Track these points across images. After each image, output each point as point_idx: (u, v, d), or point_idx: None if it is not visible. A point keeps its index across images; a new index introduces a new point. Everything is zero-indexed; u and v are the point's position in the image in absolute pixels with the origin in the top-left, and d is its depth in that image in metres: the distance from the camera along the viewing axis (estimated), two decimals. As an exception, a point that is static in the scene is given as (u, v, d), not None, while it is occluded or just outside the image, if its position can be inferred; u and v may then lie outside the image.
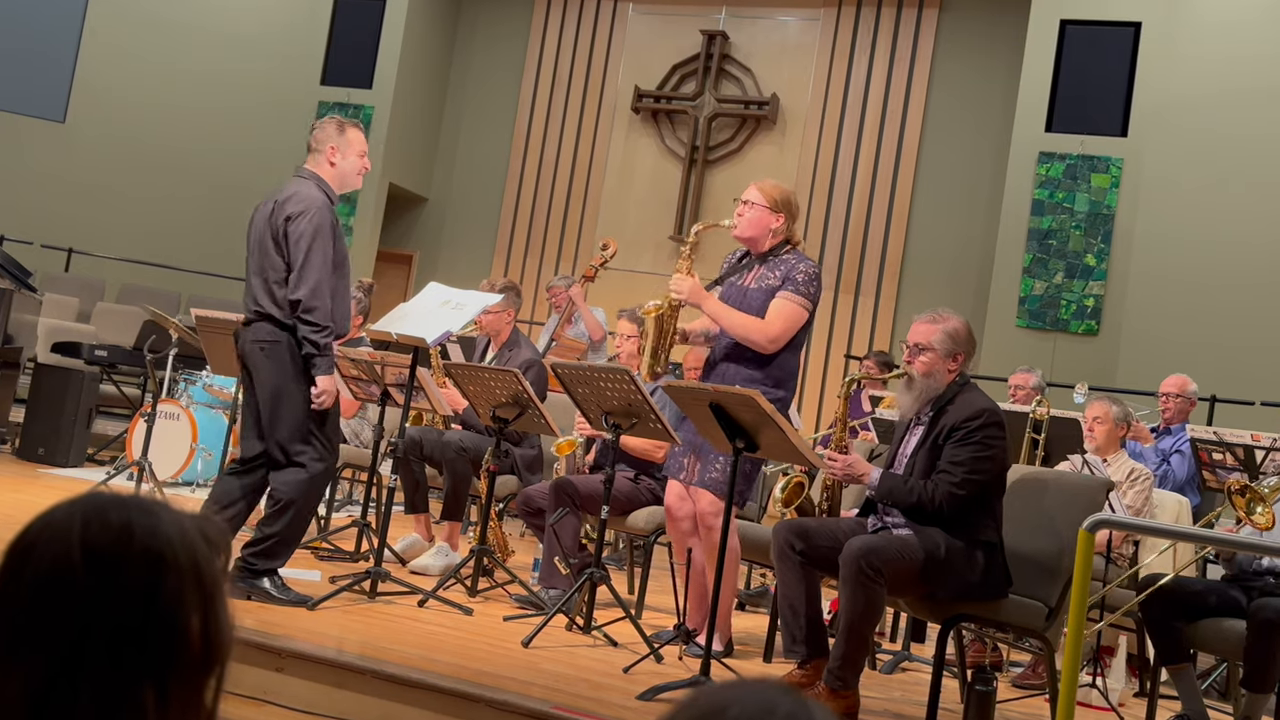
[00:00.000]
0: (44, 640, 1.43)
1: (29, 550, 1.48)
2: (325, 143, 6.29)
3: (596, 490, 6.61)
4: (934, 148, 15.57)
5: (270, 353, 6.05)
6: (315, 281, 5.98)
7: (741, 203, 6.26)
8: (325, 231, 6.04)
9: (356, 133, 6.38)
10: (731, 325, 6.04)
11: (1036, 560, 5.37)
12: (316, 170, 6.26)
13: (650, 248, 16.44)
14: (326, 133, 6.31)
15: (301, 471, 6.05)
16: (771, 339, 6.00)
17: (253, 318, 6.14)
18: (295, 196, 6.10)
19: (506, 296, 7.85)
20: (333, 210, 6.16)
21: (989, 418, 5.27)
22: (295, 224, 6.01)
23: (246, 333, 6.19)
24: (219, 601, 1.52)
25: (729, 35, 16.55)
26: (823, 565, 5.34)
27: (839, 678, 5.11)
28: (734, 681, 1.37)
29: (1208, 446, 6.98)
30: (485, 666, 5.21)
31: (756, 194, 6.23)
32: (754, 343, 6.00)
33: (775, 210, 6.19)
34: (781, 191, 6.26)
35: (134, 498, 1.53)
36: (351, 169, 6.33)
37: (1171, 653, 5.82)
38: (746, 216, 6.21)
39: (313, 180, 6.21)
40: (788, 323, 6.03)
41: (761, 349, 6.01)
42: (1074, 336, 13.57)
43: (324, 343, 6.01)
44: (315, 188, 6.17)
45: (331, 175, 6.27)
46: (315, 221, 6.01)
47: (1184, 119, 13.32)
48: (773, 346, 6.02)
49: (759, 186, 6.27)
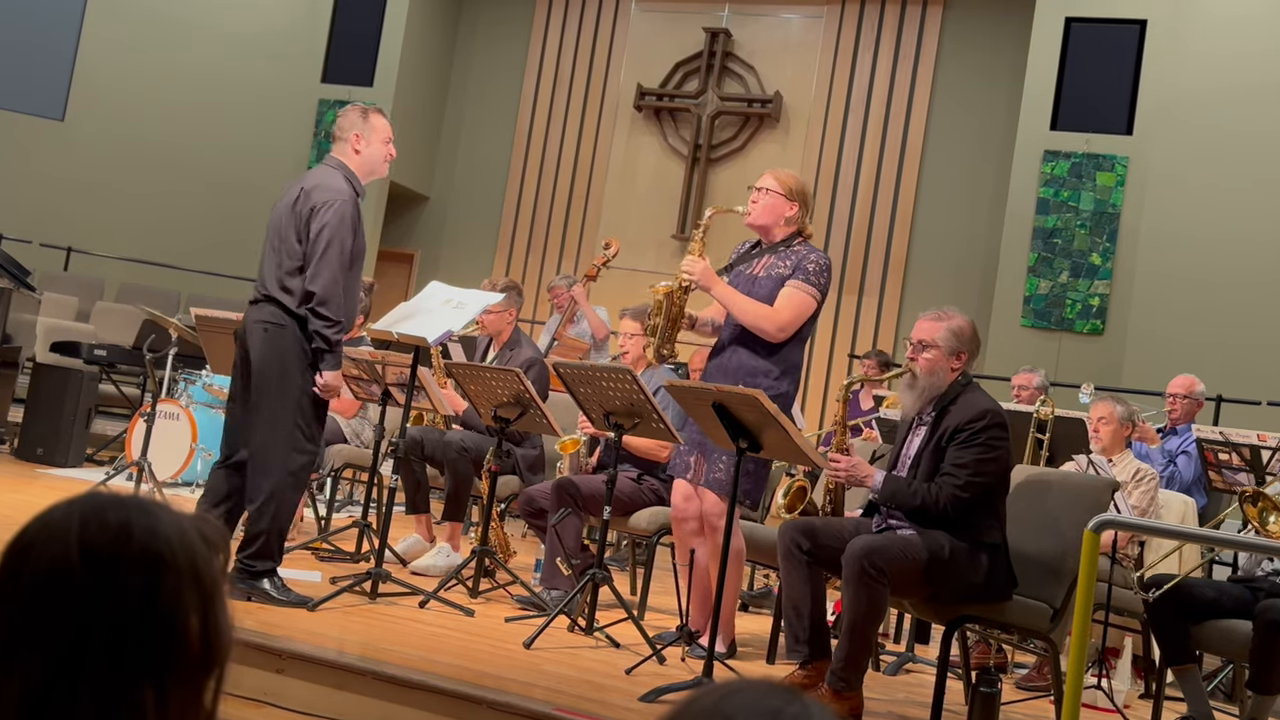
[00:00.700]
0: (42, 641, 1.43)
1: (27, 550, 1.48)
2: (349, 130, 6.26)
3: (599, 490, 6.61)
4: (938, 145, 15.57)
5: (271, 334, 6.02)
6: (331, 275, 5.95)
7: (756, 190, 6.25)
8: (348, 224, 6.02)
9: (381, 119, 6.34)
10: (741, 311, 6.03)
11: (1041, 561, 5.37)
12: (343, 159, 6.23)
13: (653, 247, 16.43)
14: (350, 120, 6.28)
15: (280, 461, 6.02)
16: (780, 327, 5.99)
17: (260, 299, 6.13)
18: (322, 186, 6.07)
19: (508, 296, 7.84)
20: (357, 204, 6.15)
21: (992, 419, 5.27)
22: (319, 215, 5.98)
23: (252, 311, 6.17)
24: (218, 602, 1.52)
25: (732, 33, 16.55)
26: (829, 565, 5.33)
27: (842, 679, 5.11)
28: (735, 682, 1.36)
29: (1214, 447, 6.97)
30: (487, 668, 5.21)
31: (772, 181, 6.23)
32: (762, 330, 5.99)
33: (790, 198, 6.19)
34: (797, 180, 6.26)
35: (132, 498, 1.53)
36: (377, 156, 6.30)
37: (1177, 654, 5.82)
38: (761, 203, 6.20)
39: (340, 170, 6.18)
40: (797, 311, 6.02)
41: (770, 337, 6.00)
42: (1079, 336, 13.56)
43: (335, 338, 5.99)
44: (342, 179, 6.14)
45: (357, 164, 6.24)
46: (339, 213, 5.99)
47: (1190, 116, 13.31)
48: (781, 335, 6.01)
49: (774, 174, 6.27)
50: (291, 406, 6.02)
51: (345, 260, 6.02)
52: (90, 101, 16.58)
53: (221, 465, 6.27)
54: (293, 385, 6.02)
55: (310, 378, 6.04)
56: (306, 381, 6.04)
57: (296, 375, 6.02)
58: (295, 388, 6.02)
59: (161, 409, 9.23)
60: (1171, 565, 6.88)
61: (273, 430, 6.02)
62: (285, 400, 6.01)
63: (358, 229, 6.13)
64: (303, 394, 6.04)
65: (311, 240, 5.99)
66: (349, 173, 6.19)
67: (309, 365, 6.03)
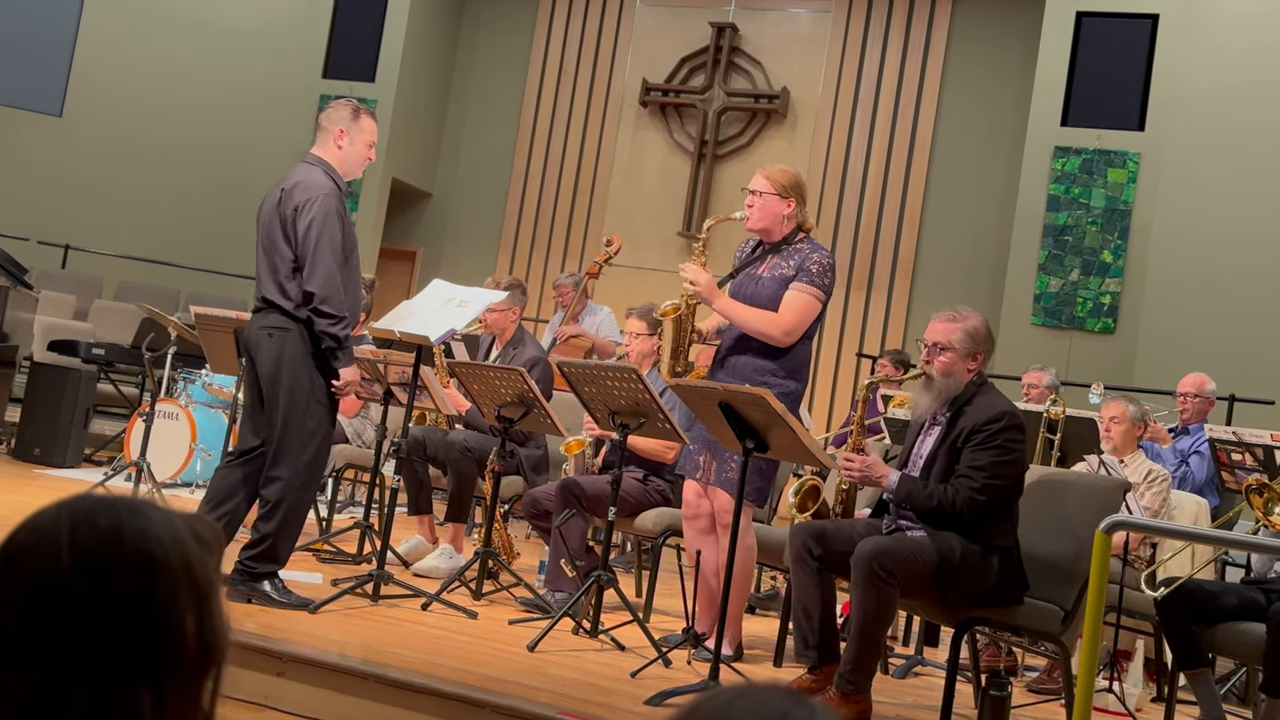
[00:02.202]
0: (36, 646, 1.43)
1: (17, 554, 1.47)
2: (335, 124, 6.24)
3: (603, 491, 6.60)
4: (947, 142, 15.56)
5: (277, 339, 6.02)
6: (327, 271, 5.94)
7: (750, 193, 6.24)
8: (333, 218, 6.00)
9: (370, 122, 6.33)
10: (744, 322, 6.02)
11: (1052, 563, 5.37)
12: (323, 154, 6.22)
13: (658, 244, 16.44)
14: (339, 114, 6.27)
15: (292, 465, 6.04)
16: (786, 331, 5.98)
17: (261, 306, 6.12)
18: (301, 185, 6.06)
19: (512, 294, 7.84)
20: (340, 197, 6.14)
21: (1009, 420, 5.26)
22: (304, 214, 5.97)
23: (255, 319, 6.17)
24: (214, 602, 1.51)
25: (739, 27, 16.54)
26: (840, 569, 5.32)
27: (850, 682, 5.11)
28: (742, 686, 1.36)
29: (1227, 447, 6.96)
30: (490, 671, 5.20)
31: (764, 182, 6.21)
32: (768, 336, 5.98)
33: (785, 196, 6.17)
34: (788, 175, 6.24)
35: (123, 499, 1.52)
36: (357, 157, 6.29)
37: (1189, 657, 5.81)
38: (757, 207, 6.19)
39: (319, 166, 6.17)
40: (801, 314, 6.01)
41: (776, 343, 6.00)
42: (1090, 335, 13.55)
43: (343, 334, 5.98)
44: (322, 174, 6.13)
45: (338, 159, 6.22)
46: (324, 208, 5.97)
47: (1203, 112, 13.29)
48: (788, 340, 6.00)
49: (765, 174, 6.25)
50: (301, 411, 6.03)
51: (338, 254, 6.01)
52: (88, 97, 16.58)
53: (227, 463, 6.26)
54: (302, 389, 6.02)
55: (318, 380, 6.05)
56: (315, 384, 6.04)
57: (305, 378, 6.03)
58: (304, 391, 6.03)
59: (160, 409, 9.24)
60: (1182, 567, 6.87)
61: (285, 435, 6.03)
62: (295, 406, 6.02)
63: (345, 221, 6.12)
64: (312, 398, 6.04)
65: (300, 241, 5.98)
66: (328, 167, 6.18)
67: (316, 367, 6.04)
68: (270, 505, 6.02)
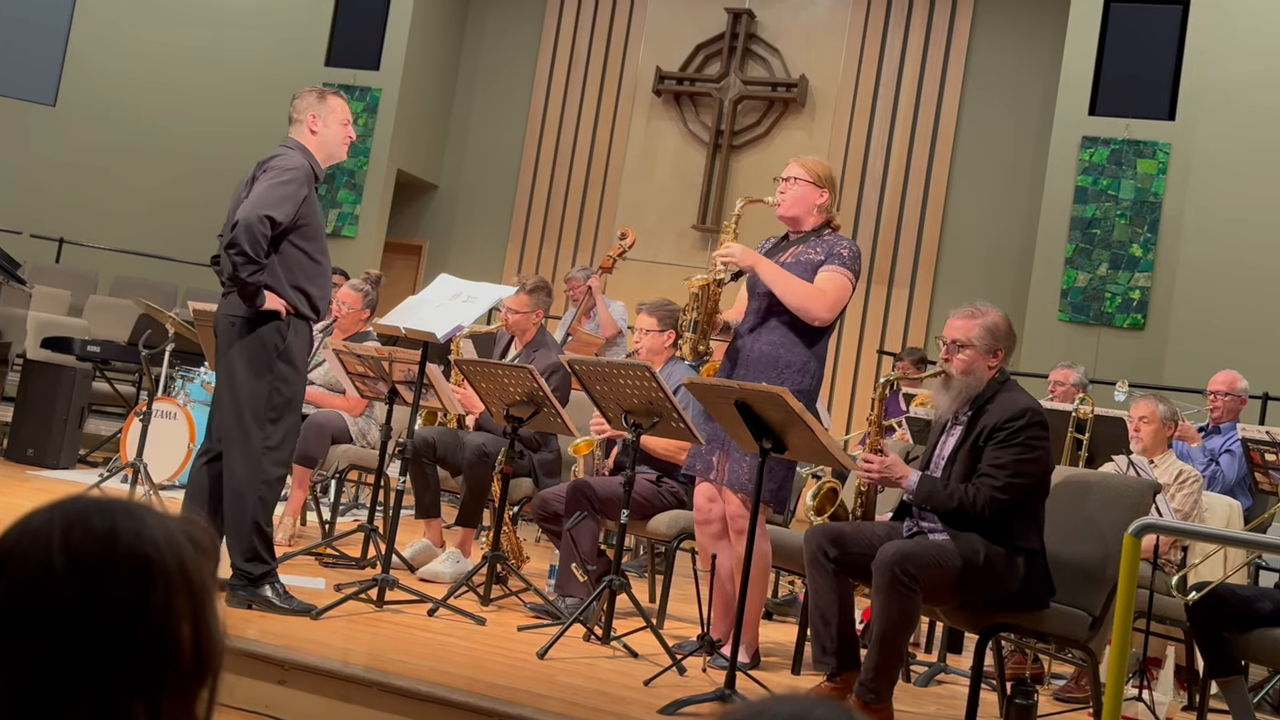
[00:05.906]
0: (27, 652, 1.42)
1: (7, 557, 1.47)
2: (305, 111, 6.30)
3: (616, 493, 6.59)
4: (971, 132, 15.54)
5: (239, 327, 6.01)
6: (262, 211, 5.83)
7: (784, 180, 6.25)
8: (300, 187, 5.98)
9: (338, 100, 6.38)
10: (787, 290, 6.00)
11: (1079, 567, 5.36)
12: (300, 140, 6.27)
13: (672, 237, 16.43)
14: (306, 101, 6.33)
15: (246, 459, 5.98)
16: (828, 307, 5.99)
17: (229, 289, 6.09)
18: (278, 157, 6.11)
19: (535, 295, 7.82)
20: (313, 180, 6.14)
21: (1032, 417, 5.25)
22: (269, 172, 5.98)
23: (222, 305, 6.16)
24: (209, 608, 1.51)
25: (755, 14, 16.52)
26: (857, 573, 5.33)
27: (871, 690, 5.10)
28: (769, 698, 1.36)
29: (1260, 446, 6.95)
30: (498, 679, 5.21)
31: (800, 170, 6.23)
32: (808, 311, 5.97)
33: (820, 186, 6.19)
34: (825, 167, 6.27)
35: (117, 501, 1.52)
36: (335, 138, 6.32)
37: (1222, 664, 5.79)
38: (790, 194, 6.20)
39: (297, 150, 6.20)
40: (840, 293, 6.03)
41: (816, 319, 5.99)
42: (1119, 331, 13.53)
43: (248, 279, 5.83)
44: (299, 155, 6.15)
45: (315, 145, 6.26)
46: (295, 176, 5.97)
47: (1235, 100, 13.23)
48: (829, 316, 6.01)
49: (801, 162, 6.27)
50: (261, 402, 6.01)
51: (288, 207, 5.92)
52: (83, 85, 16.59)
53: (205, 461, 6.24)
54: (261, 380, 6.01)
55: (280, 370, 6.03)
56: (275, 375, 6.02)
57: (264, 368, 6.01)
58: (263, 382, 6.01)
59: (158, 408, 9.24)
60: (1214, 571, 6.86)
61: (239, 426, 6.01)
62: (255, 395, 6.00)
63: (313, 205, 6.11)
64: (272, 389, 6.01)
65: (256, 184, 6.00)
66: (305, 152, 6.21)
67: (277, 357, 6.02)
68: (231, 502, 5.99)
